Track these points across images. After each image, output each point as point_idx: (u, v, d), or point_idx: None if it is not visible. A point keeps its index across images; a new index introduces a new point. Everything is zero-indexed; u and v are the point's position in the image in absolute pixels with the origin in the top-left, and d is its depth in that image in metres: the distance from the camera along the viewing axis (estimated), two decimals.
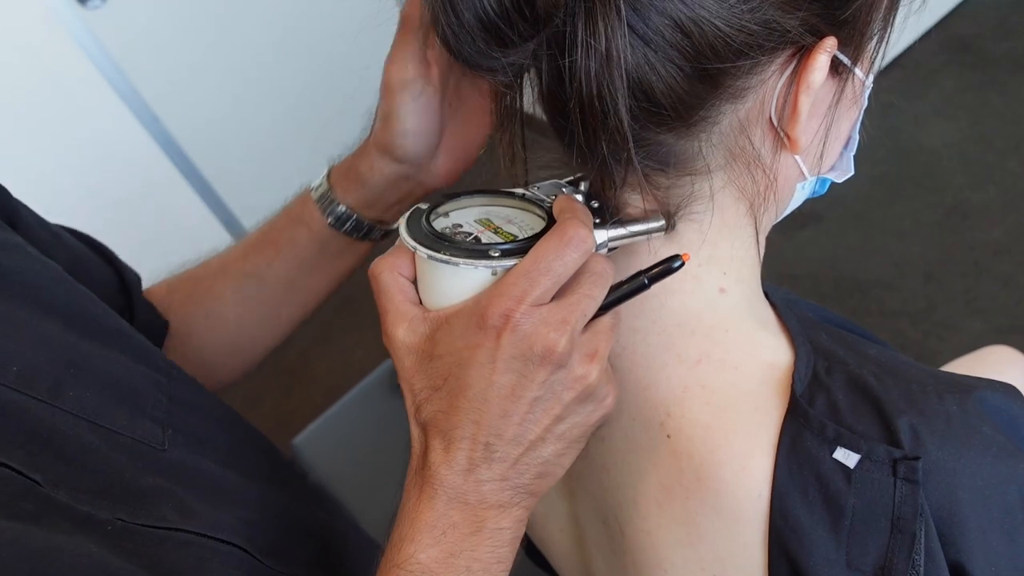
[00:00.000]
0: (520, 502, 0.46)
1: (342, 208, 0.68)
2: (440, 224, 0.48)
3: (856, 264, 2.06)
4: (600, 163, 0.46)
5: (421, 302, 0.47)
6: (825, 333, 0.51)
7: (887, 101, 2.41)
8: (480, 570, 0.45)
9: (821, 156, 0.50)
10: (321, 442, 1.54)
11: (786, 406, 0.47)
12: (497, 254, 0.44)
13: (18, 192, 0.67)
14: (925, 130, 2.31)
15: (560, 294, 0.44)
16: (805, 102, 0.45)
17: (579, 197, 0.50)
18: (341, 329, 0.68)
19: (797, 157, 0.49)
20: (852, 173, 0.55)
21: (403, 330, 0.46)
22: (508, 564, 0.46)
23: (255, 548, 0.58)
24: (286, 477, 0.71)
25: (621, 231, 0.48)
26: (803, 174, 0.51)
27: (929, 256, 2.00)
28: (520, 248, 0.44)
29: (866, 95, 0.51)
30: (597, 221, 0.48)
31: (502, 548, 0.45)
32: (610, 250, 0.48)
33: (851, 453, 0.45)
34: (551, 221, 0.46)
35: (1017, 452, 0.47)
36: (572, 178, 0.53)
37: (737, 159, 0.48)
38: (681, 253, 0.46)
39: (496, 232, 0.47)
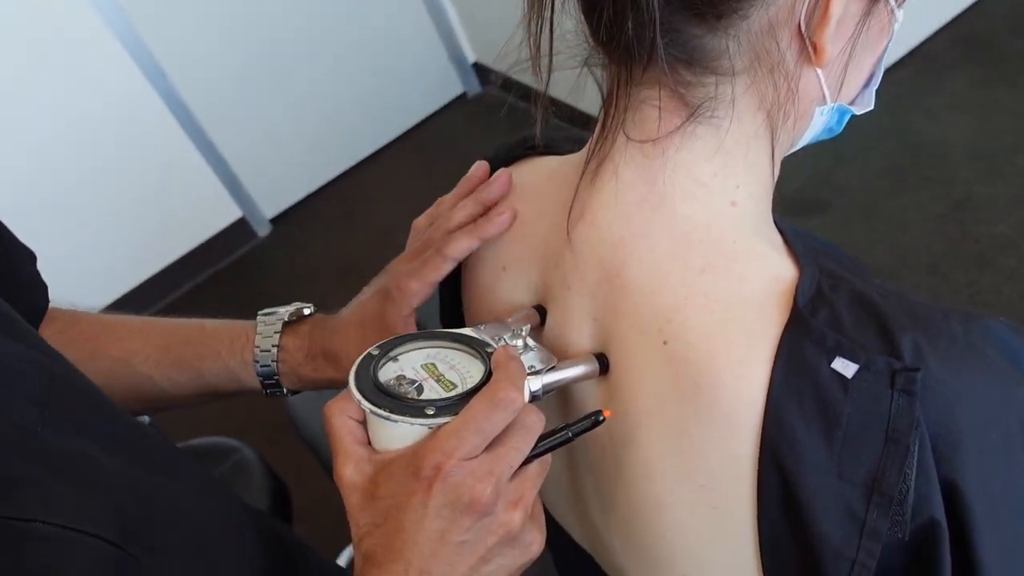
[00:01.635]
0: None
1: (277, 379, 0.73)
2: (386, 372, 0.53)
3: (861, 254, 2.05)
4: (623, 48, 0.46)
5: (369, 441, 0.51)
6: (832, 259, 0.51)
7: (899, 94, 2.40)
8: None
9: (844, 76, 0.50)
10: (316, 400, 1.53)
11: (788, 316, 0.47)
12: (432, 411, 0.49)
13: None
14: (935, 123, 2.30)
15: (491, 445, 0.48)
16: (837, 6, 0.45)
17: (519, 343, 0.55)
18: (342, 291, 0.68)
19: (820, 72, 0.49)
20: (871, 107, 0.54)
21: (350, 470, 0.50)
22: None
23: (126, 539, 0.56)
24: (176, 466, 0.68)
25: (555, 377, 0.52)
26: (824, 96, 0.50)
27: (934, 248, 2.00)
28: (454, 405, 0.49)
29: (895, 26, 0.51)
30: (533, 368, 0.52)
31: None
32: (546, 393, 0.52)
33: (849, 363, 0.44)
34: (489, 372, 0.51)
35: (1020, 378, 0.46)
36: (516, 316, 0.58)
37: (762, 62, 0.47)
38: (603, 410, 0.50)
39: (438, 380, 0.52)
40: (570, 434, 0.51)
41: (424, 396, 0.51)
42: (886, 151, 2.26)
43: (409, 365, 0.54)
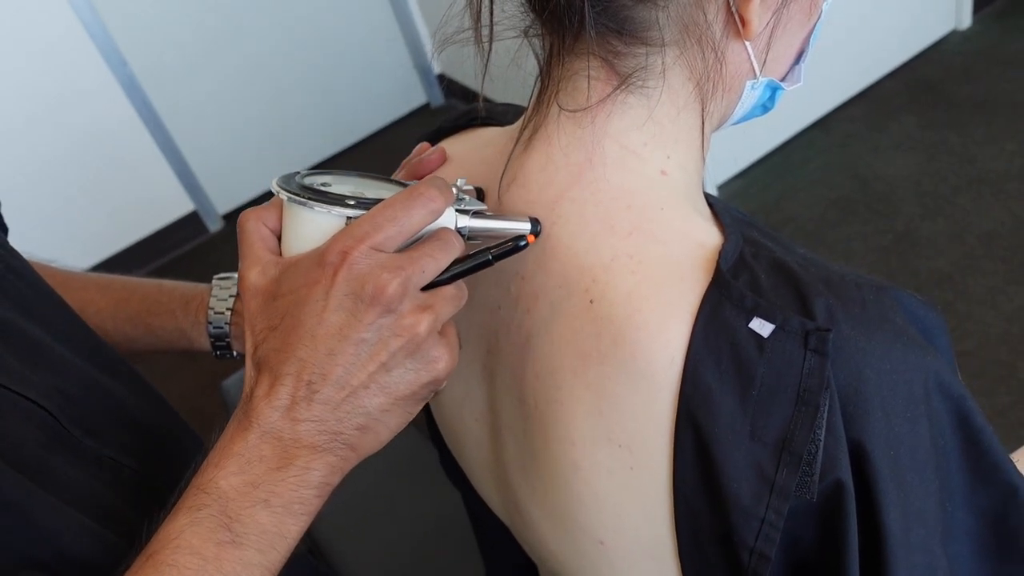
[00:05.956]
0: (336, 450, 0.47)
1: (228, 341, 0.75)
2: (312, 181, 0.51)
3: None
4: (555, 17, 0.47)
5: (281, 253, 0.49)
6: (757, 231, 0.52)
7: (851, 131, 2.46)
8: (279, 505, 0.45)
9: (769, 49, 0.51)
10: None
11: (710, 279, 0.47)
12: (352, 203, 0.47)
13: None
14: (884, 160, 2.36)
15: (405, 249, 0.46)
16: None
17: (453, 190, 0.51)
18: None
19: (748, 45, 0.50)
20: (801, 83, 0.56)
21: (255, 273, 0.48)
22: (310, 508, 0.47)
23: (63, 415, 0.56)
24: (117, 368, 0.68)
25: (482, 223, 0.50)
26: (753, 71, 0.52)
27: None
28: (376, 203, 0.47)
29: (824, 5, 0.52)
30: (464, 208, 0.50)
31: (306, 489, 0.46)
32: (470, 239, 0.50)
33: (766, 323, 0.45)
34: None
35: (927, 346, 0.47)
36: (462, 186, 0.55)
37: (690, 33, 0.48)
38: (528, 235, 0.49)
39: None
40: (491, 256, 0.48)
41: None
42: (835, 184, 2.31)
43: (337, 186, 0.52)
